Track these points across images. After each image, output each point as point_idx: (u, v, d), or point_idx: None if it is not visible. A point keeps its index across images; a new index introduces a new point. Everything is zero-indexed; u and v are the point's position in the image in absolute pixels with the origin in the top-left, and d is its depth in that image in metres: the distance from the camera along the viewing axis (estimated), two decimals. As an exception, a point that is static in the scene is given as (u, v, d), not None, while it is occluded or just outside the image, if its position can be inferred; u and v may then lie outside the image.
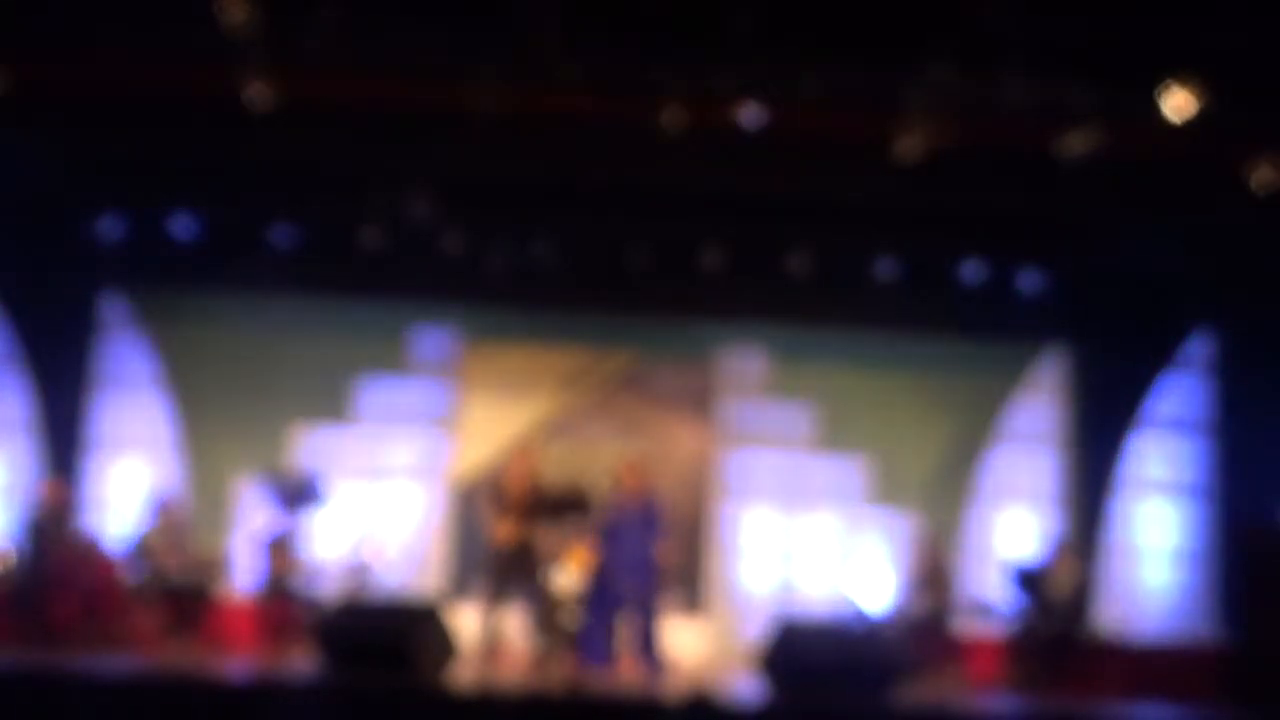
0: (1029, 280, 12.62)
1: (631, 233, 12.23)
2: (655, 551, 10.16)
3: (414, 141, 10.93)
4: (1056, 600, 10.85)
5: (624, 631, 10.05)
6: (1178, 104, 9.46)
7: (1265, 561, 9.06)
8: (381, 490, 12.79)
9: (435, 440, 12.88)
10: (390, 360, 12.92)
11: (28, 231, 11.51)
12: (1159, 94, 9.54)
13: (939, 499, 12.94)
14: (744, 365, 13.15)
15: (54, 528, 10.60)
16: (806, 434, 13.11)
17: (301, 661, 8.43)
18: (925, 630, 11.24)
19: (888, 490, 12.99)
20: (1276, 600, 8.94)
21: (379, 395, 12.90)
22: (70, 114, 10.49)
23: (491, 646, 9.87)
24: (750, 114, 10.13)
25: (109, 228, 12.19)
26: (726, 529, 12.93)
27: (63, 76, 10.04)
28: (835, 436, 13.05)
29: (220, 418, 12.50)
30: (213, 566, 11.07)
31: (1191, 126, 9.64)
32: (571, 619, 10.60)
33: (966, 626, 11.80)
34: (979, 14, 9.09)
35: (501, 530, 9.86)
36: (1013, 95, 9.80)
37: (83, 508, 12.00)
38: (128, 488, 12.50)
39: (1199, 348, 12.71)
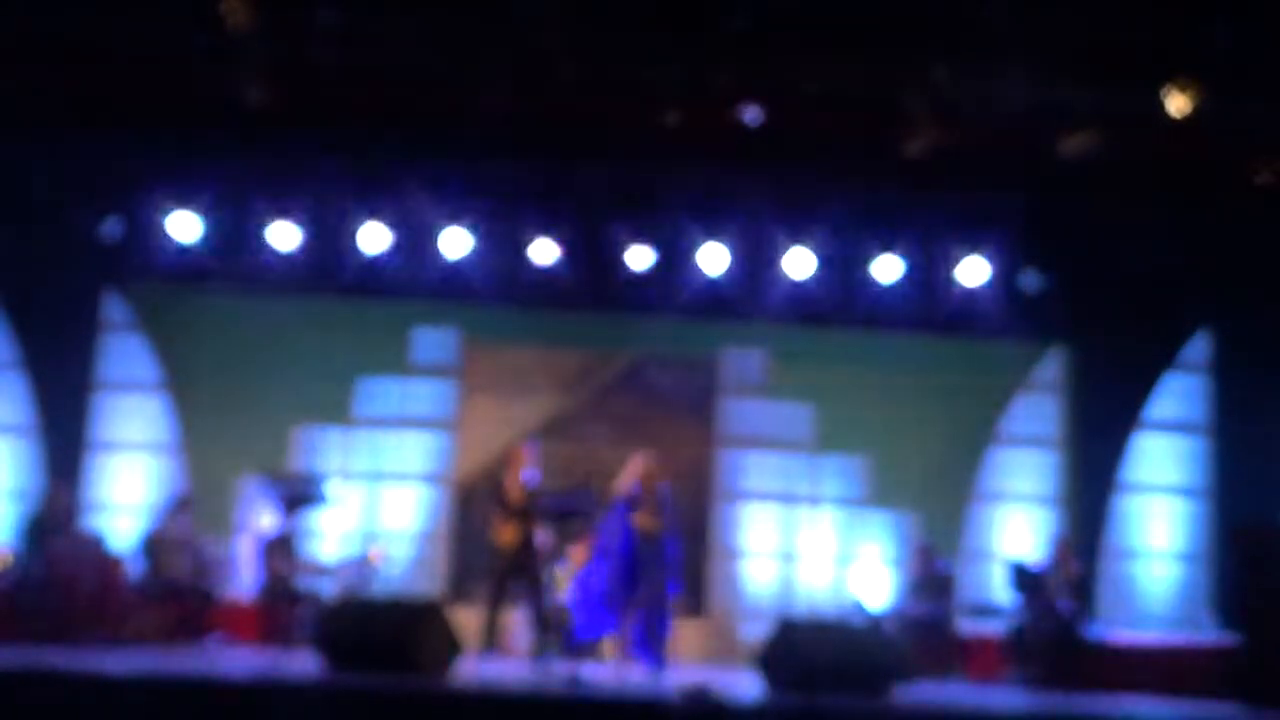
0: (1029, 280, 12.63)
1: (631, 233, 12.24)
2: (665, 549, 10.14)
3: (414, 142, 10.95)
4: (1056, 600, 10.85)
5: (628, 627, 10.03)
6: (1178, 104, 9.48)
7: (1265, 561, 9.05)
8: (383, 491, 12.79)
9: (436, 441, 12.88)
10: (391, 361, 12.92)
11: (28, 232, 11.52)
12: (1159, 94, 9.56)
13: (939, 499, 12.95)
14: (744, 365, 13.15)
15: (55, 528, 10.60)
16: (806, 434, 13.12)
17: (303, 661, 8.43)
18: (925, 630, 11.24)
19: (888, 490, 12.99)
20: (1276, 600, 8.93)
21: (380, 396, 12.90)
22: (71, 113, 10.51)
23: (492, 646, 9.86)
24: (750, 114, 10.14)
25: (109, 228, 12.20)
26: (727, 529, 12.93)
27: (64, 76, 10.06)
28: (835, 437, 13.06)
29: (221, 419, 12.49)
30: (215, 567, 11.06)
31: (1191, 126, 9.65)
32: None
33: (966, 626, 11.81)
34: (979, 14, 9.11)
35: (503, 531, 9.86)
36: (1013, 95, 9.81)
37: (84, 508, 12.00)
38: (129, 488, 12.50)
39: (1199, 348, 12.72)
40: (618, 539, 10.09)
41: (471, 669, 8.49)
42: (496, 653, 10.02)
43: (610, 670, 9.63)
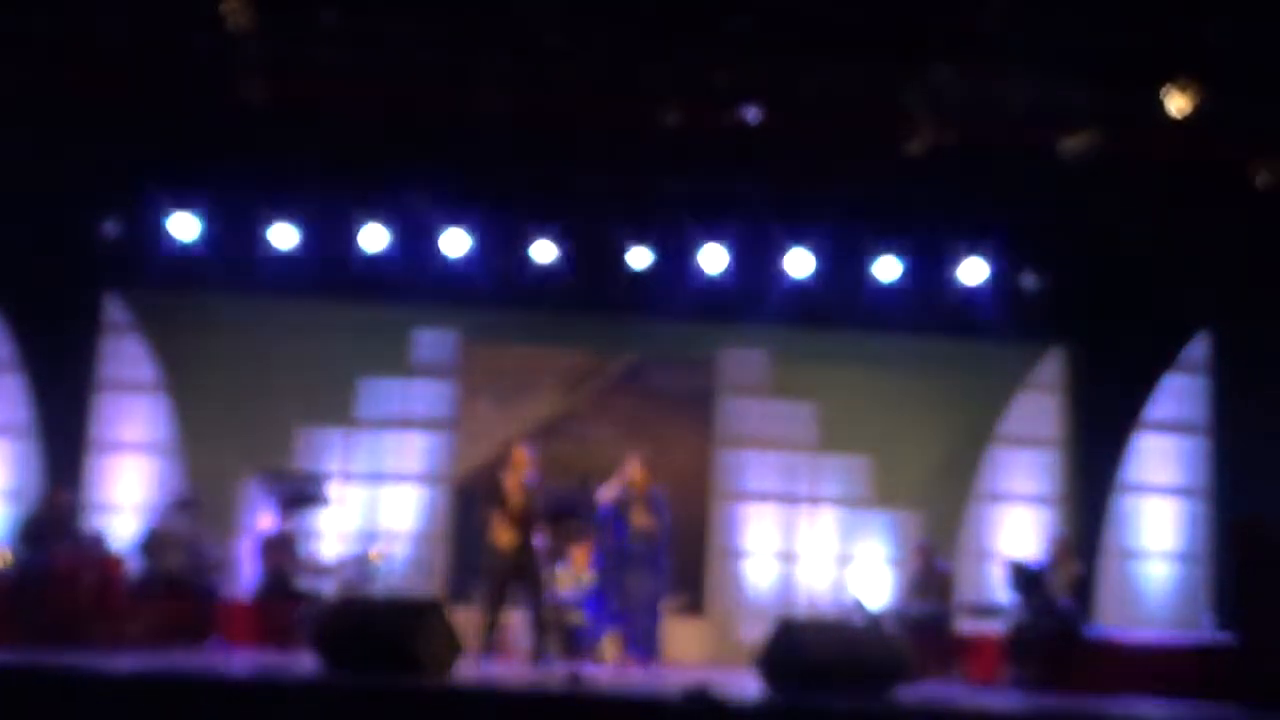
0: (1029, 280, 12.62)
1: (631, 233, 12.24)
2: (660, 549, 10.16)
3: (414, 142, 10.94)
4: (1056, 600, 10.85)
5: (623, 626, 10.05)
6: (1178, 104, 9.47)
7: (1265, 561, 9.05)
8: (383, 491, 12.79)
9: (436, 441, 12.88)
10: (392, 362, 12.92)
11: (28, 232, 11.52)
12: (1159, 94, 9.55)
13: (939, 499, 12.96)
14: (744, 365, 13.15)
15: (55, 528, 10.61)
16: (807, 434, 13.12)
17: (303, 661, 8.43)
18: (925, 630, 11.24)
19: (888, 490, 12.99)
20: (1276, 600, 8.94)
21: (380, 397, 12.90)
22: (70, 114, 10.51)
23: (492, 647, 9.86)
24: (750, 114, 10.14)
25: (109, 228, 12.19)
26: (727, 529, 12.93)
27: (63, 76, 10.06)
28: (836, 437, 13.06)
29: (221, 419, 12.49)
30: (215, 566, 11.06)
31: (1191, 126, 9.65)
32: (575, 618, 10.62)
33: (966, 626, 11.81)
34: (979, 14, 9.11)
35: (502, 532, 9.85)
36: (1013, 95, 9.81)
37: (84, 508, 12.00)
38: (129, 488, 12.50)
39: (1199, 348, 12.71)
40: (610, 540, 10.12)
41: (471, 669, 8.49)
42: (496, 653, 10.02)
43: (610, 670, 9.64)
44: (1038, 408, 13.18)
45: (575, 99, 10.12)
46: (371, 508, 12.73)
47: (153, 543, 10.70)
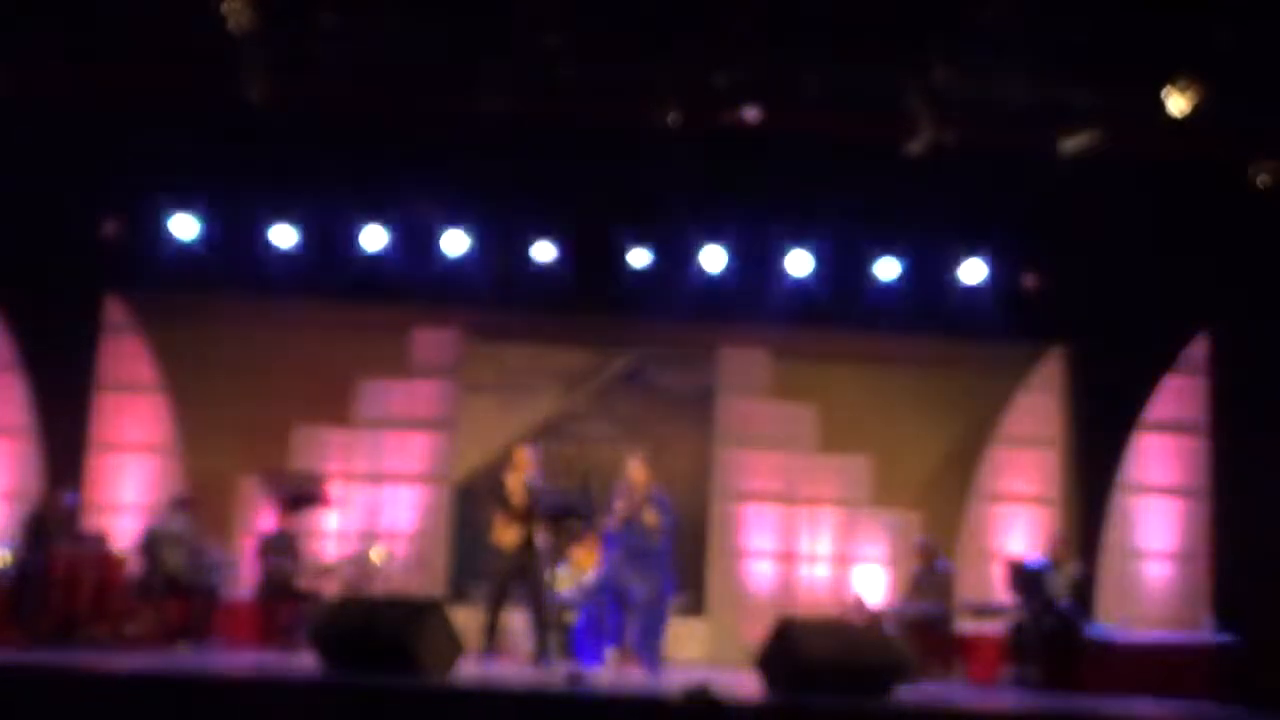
0: (1029, 280, 12.62)
1: (631, 233, 12.24)
2: (665, 550, 10.15)
3: (414, 142, 10.94)
4: (1056, 600, 10.85)
5: (627, 629, 10.04)
6: (1178, 104, 9.47)
7: (1265, 561, 9.08)
8: (383, 491, 12.79)
9: (436, 441, 12.87)
10: (391, 362, 12.92)
11: (28, 232, 11.52)
12: (1159, 93, 9.55)
13: (939, 499, 12.95)
14: (744, 365, 13.15)
15: (55, 528, 10.61)
16: (807, 434, 13.11)
17: (303, 661, 8.43)
18: (925, 630, 11.24)
19: (888, 490, 12.99)
20: (1276, 600, 8.96)
21: (380, 397, 12.90)
22: (70, 114, 10.51)
23: (493, 647, 9.86)
24: (750, 114, 10.15)
25: (109, 228, 12.19)
26: (727, 529, 12.92)
27: (63, 77, 10.06)
28: (836, 437, 13.05)
29: (221, 419, 12.49)
30: (215, 566, 11.06)
31: (1191, 126, 9.65)
32: (573, 617, 10.62)
33: (967, 626, 11.80)
34: (979, 14, 9.11)
35: (505, 533, 9.85)
36: (1013, 95, 9.81)
37: (84, 509, 11.99)
38: (129, 488, 12.50)
39: (1199, 348, 12.70)
40: (614, 543, 10.11)
41: (471, 669, 8.49)
42: (497, 653, 10.02)
43: (610, 670, 9.64)
44: (1038, 408, 13.16)
45: (575, 99, 10.12)
46: (371, 508, 12.73)
47: (153, 543, 10.69)
